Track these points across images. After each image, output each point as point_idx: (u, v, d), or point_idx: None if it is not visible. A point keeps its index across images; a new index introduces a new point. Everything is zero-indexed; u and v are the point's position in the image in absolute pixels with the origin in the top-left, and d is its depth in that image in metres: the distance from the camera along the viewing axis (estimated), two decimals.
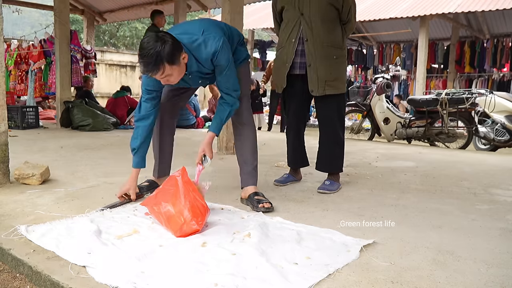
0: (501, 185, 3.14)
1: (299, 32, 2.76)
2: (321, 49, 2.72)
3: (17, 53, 8.06)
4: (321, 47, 2.72)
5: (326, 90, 2.74)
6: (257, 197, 2.40)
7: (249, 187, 2.51)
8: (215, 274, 1.51)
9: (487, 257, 1.75)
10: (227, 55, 2.26)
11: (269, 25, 12.45)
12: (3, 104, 2.79)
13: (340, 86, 2.79)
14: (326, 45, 2.72)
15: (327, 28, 2.72)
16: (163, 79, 2.13)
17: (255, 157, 2.58)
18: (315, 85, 2.74)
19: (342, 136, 2.90)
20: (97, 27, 17.57)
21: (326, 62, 2.73)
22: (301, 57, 2.79)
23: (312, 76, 2.74)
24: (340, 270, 1.59)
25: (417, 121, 6.14)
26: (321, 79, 2.73)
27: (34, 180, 2.78)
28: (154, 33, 2.10)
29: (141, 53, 2.03)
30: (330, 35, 2.74)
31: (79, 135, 5.68)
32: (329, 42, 2.73)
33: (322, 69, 2.72)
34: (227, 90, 2.36)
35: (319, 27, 2.71)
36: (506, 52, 11.05)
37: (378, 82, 6.37)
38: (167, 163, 2.76)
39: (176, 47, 2.08)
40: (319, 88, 2.74)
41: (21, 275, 1.65)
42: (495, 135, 5.68)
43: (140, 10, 9.44)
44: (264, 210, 2.29)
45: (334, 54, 2.75)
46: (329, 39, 2.73)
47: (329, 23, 2.73)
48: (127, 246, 1.77)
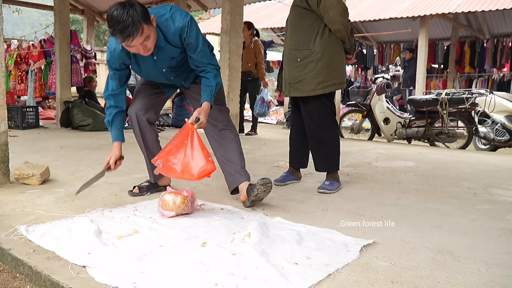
0: (501, 185, 3.14)
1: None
2: (288, 52, 2.82)
3: (17, 53, 8.05)
4: (288, 51, 2.82)
5: (291, 92, 2.82)
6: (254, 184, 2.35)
7: (242, 184, 2.44)
8: (215, 274, 1.51)
9: (487, 257, 1.75)
10: (196, 30, 2.26)
11: (269, 25, 12.45)
12: (3, 104, 2.79)
13: (304, 89, 2.74)
14: (291, 49, 2.79)
15: (293, 31, 2.78)
16: (142, 44, 2.09)
17: (242, 158, 2.54)
18: (284, 87, 2.89)
19: (327, 135, 2.83)
20: (97, 27, 17.58)
21: (291, 65, 2.79)
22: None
23: (283, 79, 2.92)
24: (340, 270, 1.59)
25: (417, 121, 6.14)
26: (286, 82, 2.85)
27: (34, 180, 2.78)
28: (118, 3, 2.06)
29: (115, 20, 1.98)
30: (294, 38, 2.76)
31: (79, 135, 5.68)
32: (293, 45, 2.76)
33: (287, 72, 2.84)
34: (203, 65, 2.33)
35: (291, 32, 2.80)
36: (506, 52, 11.04)
37: (378, 82, 6.37)
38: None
39: (144, 7, 2.07)
40: (285, 91, 2.87)
41: (21, 275, 1.65)
42: (495, 135, 5.68)
43: None
44: (263, 181, 2.28)
45: (298, 57, 2.74)
46: (294, 42, 2.76)
47: (296, 25, 2.77)
48: (127, 246, 1.77)
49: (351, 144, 5.44)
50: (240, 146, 2.56)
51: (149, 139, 2.58)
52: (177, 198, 2.17)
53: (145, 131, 2.55)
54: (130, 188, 2.69)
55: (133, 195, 2.60)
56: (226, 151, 2.52)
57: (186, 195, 2.20)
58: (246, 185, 2.42)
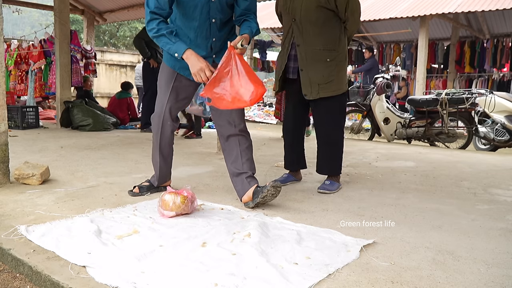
0: (501, 185, 3.14)
1: (291, 37, 2.80)
2: (312, 53, 2.74)
3: (17, 53, 8.04)
4: (312, 51, 2.74)
5: (320, 93, 2.75)
6: (261, 187, 2.35)
7: (251, 189, 2.42)
8: (215, 274, 1.51)
9: (487, 257, 1.75)
10: None
11: (269, 25, 12.45)
12: (3, 104, 2.79)
13: (335, 88, 2.78)
14: (317, 49, 2.73)
15: (319, 32, 2.73)
16: None
17: (253, 166, 2.53)
18: (308, 88, 2.76)
19: (340, 136, 2.89)
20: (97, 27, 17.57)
21: (319, 65, 2.74)
22: (294, 61, 2.84)
23: (305, 80, 2.77)
24: (340, 270, 1.59)
25: (417, 121, 6.13)
26: (314, 83, 2.75)
27: (34, 180, 2.78)
28: None
29: None
30: (322, 38, 2.73)
31: (79, 135, 5.68)
32: (320, 45, 2.73)
33: (314, 73, 2.74)
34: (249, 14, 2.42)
35: (310, 31, 2.73)
36: (506, 52, 11.04)
37: (378, 82, 6.37)
38: (168, 171, 2.72)
39: None
40: (313, 92, 2.76)
41: (21, 275, 1.65)
42: (495, 135, 5.68)
43: (140, 10, 9.43)
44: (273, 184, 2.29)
45: (327, 57, 2.74)
46: (320, 42, 2.73)
47: (321, 26, 2.73)
48: (127, 246, 1.77)
49: (351, 144, 5.43)
50: (252, 152, 2.55)
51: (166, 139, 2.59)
52: (177, 198, 2.17)
53: (167, 134, 2.56)
54: (130, 188, 2.69)
55: (133, 195, 2.60)
56: (237, 159, 2.46)
57: (186, 195, 2.20)
58: (253, 187, 2.41)
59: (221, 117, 2.48)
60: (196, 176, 3.23)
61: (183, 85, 2.50)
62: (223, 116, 2.46)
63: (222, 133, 2.50)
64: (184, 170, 3.44)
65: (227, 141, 2.49)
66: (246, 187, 2.42)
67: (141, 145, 4.84)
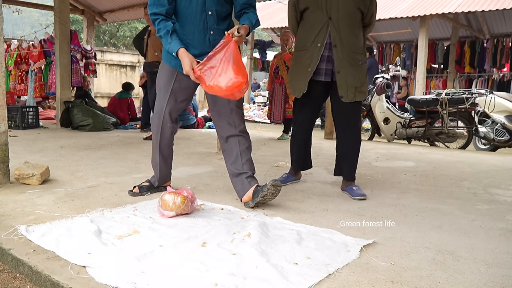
0: (501, 185, 3.14)
1: (326, 36, 2.66)
2: (348, 55, 2.66)
3: (17, 53, 8.05)
4: (348, 53, 2.66)
5: (356, 96, 2.70)
6: (261, 186, 2.35)
7: (251, 189, 2.42)
8: (215, 274, 1.51)
9: (487, 257, 1.75)
10: None
11: (269, 25, 12.45)
12: (3, 104, 2.79)
13: (365, 91, 2.79)
14: (352, 51, 2.67)
15: (353, 34, 2.68)
16: None
17: (253, 167, 2.52)
18: (345, 92, 2.68)
19: (360, 139, 2.89)
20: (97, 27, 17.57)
21: (353, 68, 2.68)
22: (327, 63, 2.71)
23: (342, 83, 2.67)
24: (340, 270, 1.59)
25: (417, 121, 6.13)
26: (351, 86, 2.68)
27: (34, 180, 2.78)
28: None
29: None
30: (355, 41, 2.69)
31: (79, 135, 5.68)
32: (354, 47, 2.68)
33: (350, 76, 2.67)
34: (248, 7, 2.43)
35: (347, 32, 2.65)
36: (506, 52, 11.04)
37: (378, 82, 6.37)
38: (168, 171, 2.72)
39: None
40: (349, 95, 2.68)
41: (21, 275, 1.65)
42: (495, 135, 5.68)
43: (140, 10, 9.43)
44: (273, 183, 2.28)
45: (359, 60, 2.71)
46: (354, 44, 2.68)
47: (355, 28, 2.69)
48: (127, 246, 1.77)
49: None
50: (251, 153, 2.54)
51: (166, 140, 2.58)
52: (177, 198, 2.17)
53: (166, 135, 2.56)
54: (130, 188, 2.69)
55: (133, 195, 2.60)
56: (237, 159, 2.46)
57: (186, 195, 2.20)
58: (253, 187, 2.40)
59: (220, 118, 2.48)
60: (196, 176, 3.23)
61: (183, 86, 2.48)
62: (223, 117, 2.46)
63: (222, 134, 2.50)
64: (184, 170, 3.44)
65: (227, 142, 2.49)
66: (246, 187, 2.41)
67: (141, 145, 4.84)
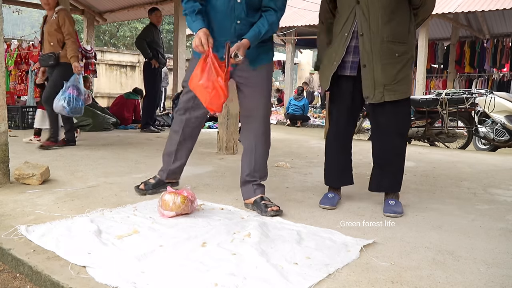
0: (501, 185, 3.14)
1: (353, 24, 2.28)
2: (379, 45, 2.23)
3: (17, 53, 8.04)
4: (380, 43, 2.23)
5: (385, 96, 2.26)
6: (263, 202, 2.34)
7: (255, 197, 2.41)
8: (215, 274, 1.51)
9: (487, 257, 1.75)
10: None
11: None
12: (3, 104, 2.79)
13: (403, 90, 2.29)
14: (386, 41, 2.23)
15: (388, 19, 2.22)
16: None
17: (266, 171, 2.50)
18: (371, 90, 2.27)
19: (403, 149, 2.42)
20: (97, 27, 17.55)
21: (386, 61, 2.24)
22: (354, 55, 2.32)
23: (367, 80, 2.27)
24: (340, 270, 1.59)
25: (417, 121, 6.13)
26: (379, 83, 2.25)
27: (34, 180, 2.78)
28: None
29: None
30: (393, 28, 2.23)
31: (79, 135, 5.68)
32: (390, 36, 2.23)
33: (379, 71, 2.24)
34: (272, 4, 2.26)
35: (378, 18, 2.21)
36: (506, 52, 11.05)
37: None
38: (181, 168, 2.70)
39: None
40: (376, 94, 2.27)
41: (21, 275, 1.65)
42: (495, 135, 5.68)
43: (140, 10, 9.43)
44: (273, 214, 2.24)
45: (396, 51, 2.25)
46: (390, 32, 2.23)
47: (392, 12, 2.22)
48: (127, 246, 1.77)
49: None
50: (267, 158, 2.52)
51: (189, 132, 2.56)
52: (177, 198, 2.17)
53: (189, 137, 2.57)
54: (130, 188, 2.69)
55: (142, 193, 2.60)
56: (251, 159, 2.44)
57: (186, 195, 2.20)
58: (257, 197, 2.40)
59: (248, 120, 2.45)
60: (196, 176, 3.23)
61: None
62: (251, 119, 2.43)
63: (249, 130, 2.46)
64: (184, 170, 3.43)
65: (247, 139, 2.47)
66: (251, 195, 2.42)
67: (141, 145, 4.84)
